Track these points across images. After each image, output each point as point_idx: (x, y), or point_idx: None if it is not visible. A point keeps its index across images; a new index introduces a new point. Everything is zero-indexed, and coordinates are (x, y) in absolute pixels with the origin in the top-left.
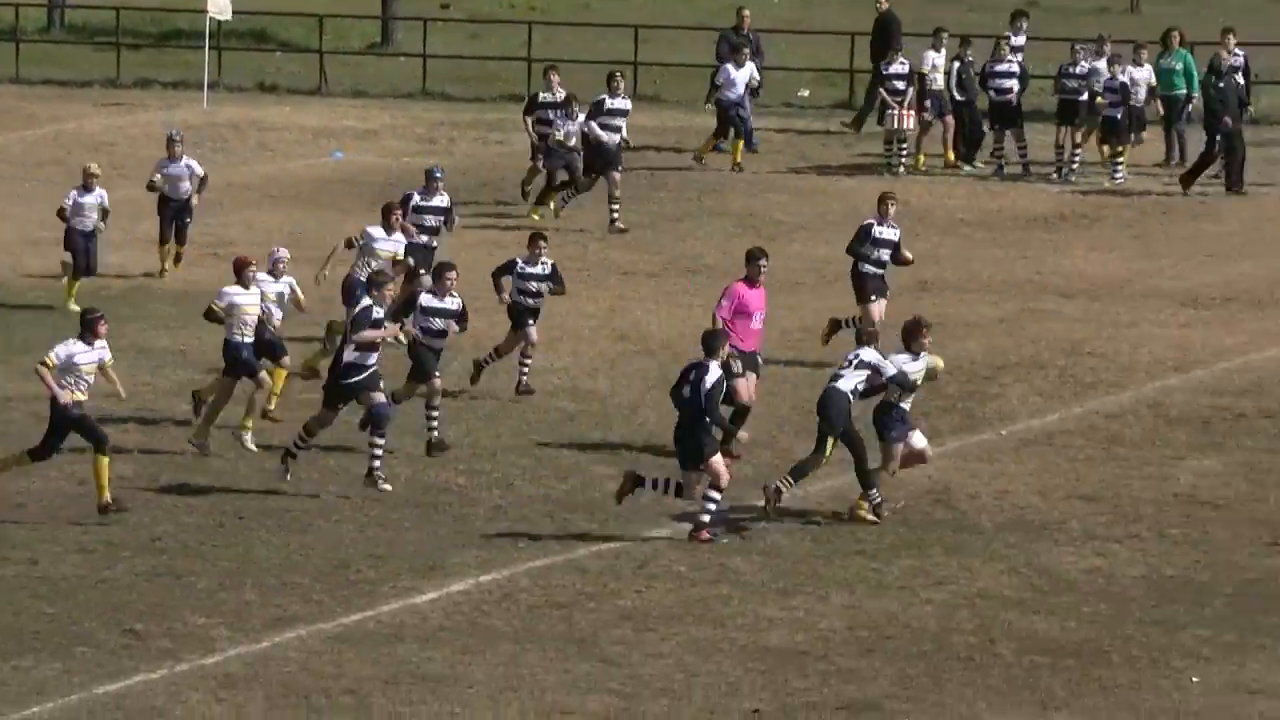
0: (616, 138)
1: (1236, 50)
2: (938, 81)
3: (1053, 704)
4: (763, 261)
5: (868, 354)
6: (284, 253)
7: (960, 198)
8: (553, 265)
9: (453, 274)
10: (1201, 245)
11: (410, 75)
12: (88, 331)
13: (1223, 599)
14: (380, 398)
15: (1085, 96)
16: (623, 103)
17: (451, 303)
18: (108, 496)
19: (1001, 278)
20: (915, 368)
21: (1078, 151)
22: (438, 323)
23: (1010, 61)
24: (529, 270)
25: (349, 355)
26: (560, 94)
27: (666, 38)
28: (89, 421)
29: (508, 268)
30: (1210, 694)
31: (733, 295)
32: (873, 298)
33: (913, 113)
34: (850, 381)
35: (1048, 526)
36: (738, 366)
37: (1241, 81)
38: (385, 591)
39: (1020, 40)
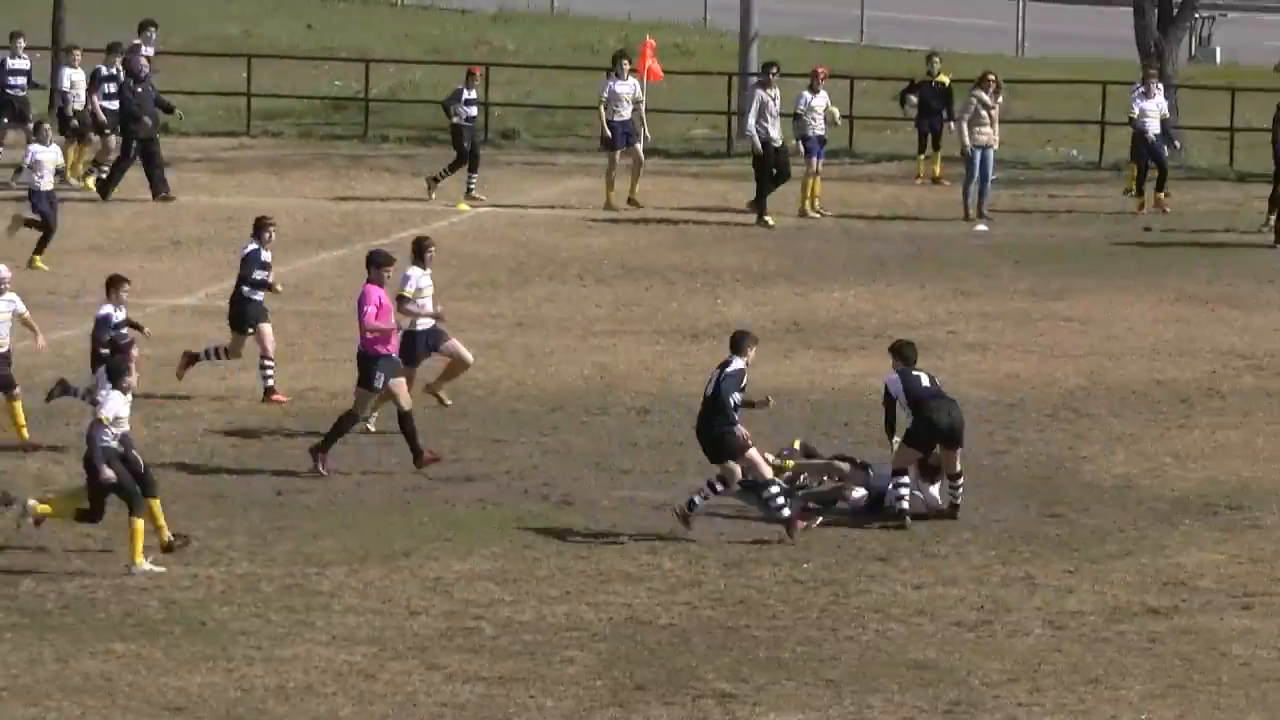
0: None
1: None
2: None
3: None
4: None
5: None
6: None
7: None
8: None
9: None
10: None
11: None
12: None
13: None
14: None
15: None
16: None
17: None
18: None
19: None
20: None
21: None
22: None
23: (23, 59)
24: (119, 317)
25: None
26: None
27: None
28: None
29: (103, 323)
30: None
31: (375, 298)
32: (251, 328)
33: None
34: None
35: None
36: (379, 382)
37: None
38: None
39: (150, 51)
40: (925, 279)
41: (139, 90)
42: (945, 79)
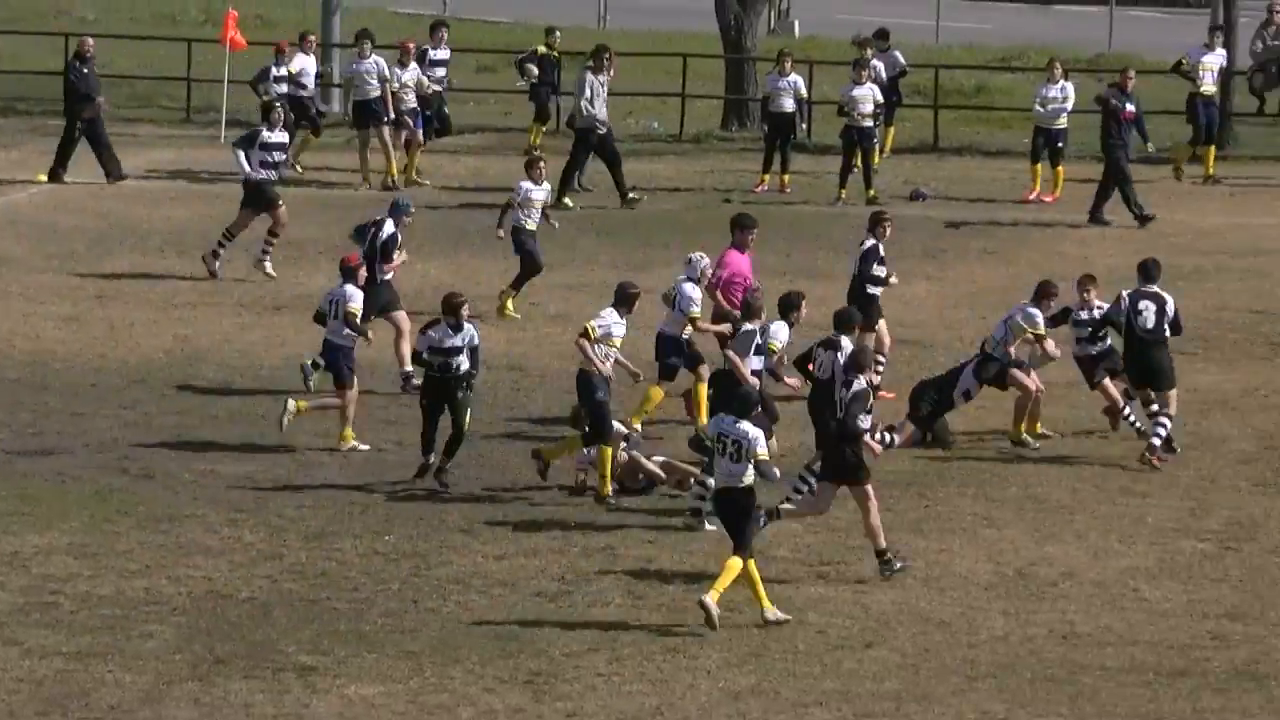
0: None
1: None
2: None
3: None
4: (754, 231)
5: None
6: None
7: None
8: None
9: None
10: None
11: None
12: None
13: None
14: None
15: None
16: None
17: None
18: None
19: None
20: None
21: None
22: None
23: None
24: None
25: None
26: None
27: None
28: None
29: None
30: None
31: (724, 262)
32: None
33: None
34: None
35: None
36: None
37: None
38: None
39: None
40: (505, 250)
41: (85, 71)
42: (555, 52)
